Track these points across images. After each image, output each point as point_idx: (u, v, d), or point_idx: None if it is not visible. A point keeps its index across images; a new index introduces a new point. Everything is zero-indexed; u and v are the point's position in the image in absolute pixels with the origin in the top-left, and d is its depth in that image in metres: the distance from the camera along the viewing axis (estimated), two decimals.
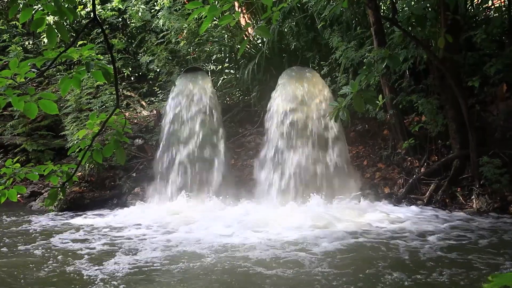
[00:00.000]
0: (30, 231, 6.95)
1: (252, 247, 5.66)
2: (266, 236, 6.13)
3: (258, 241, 5.92)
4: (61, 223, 7.44)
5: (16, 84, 2.86)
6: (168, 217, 7.46)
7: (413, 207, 7.40)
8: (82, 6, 11.78)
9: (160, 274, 4.81)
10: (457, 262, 4.96)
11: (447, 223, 6.55)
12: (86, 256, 5.48)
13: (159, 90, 11.31)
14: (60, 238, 6.36)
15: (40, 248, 5.89)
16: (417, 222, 6.65)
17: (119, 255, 5.47)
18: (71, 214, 8.19)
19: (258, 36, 10.49)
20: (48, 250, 5.78)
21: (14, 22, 12.83)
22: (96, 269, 4.94)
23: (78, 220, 7.58)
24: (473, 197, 7.36)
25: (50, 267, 5.11)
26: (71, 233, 6.67)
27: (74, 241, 6.21)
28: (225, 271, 4.85)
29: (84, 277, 4.72)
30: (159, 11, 11.61)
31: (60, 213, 8.26)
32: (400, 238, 5.91)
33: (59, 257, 5.44)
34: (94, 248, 5.80)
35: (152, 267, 5.00)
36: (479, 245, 5.55)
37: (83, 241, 6.21)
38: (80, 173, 8.89)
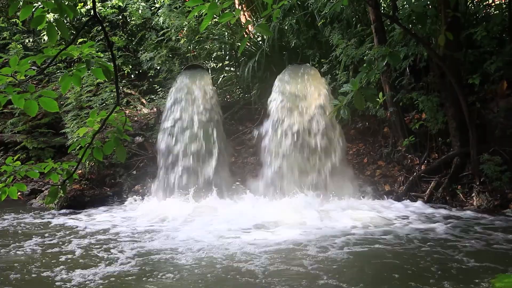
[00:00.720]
0: (24, 229, 6.91)
1: (246, 251, 5.35)
2: (262, 239, 5.88)
3: (254, 242, 5.65)
4: (54, 222, 7.32)
5: (17, 81, 2.86)
6: (164, 216, 7.33)
7: (415, 205, 7.39)
8: (82, 4, 11.78)
9: (139, 283, 4.55)
10: (486, 267, 4.70)
11: (458, 223, 6.42)
12: (67, 259, 5.29)
13: (159, 88, 11.32)
14: (46, 239, 6.23)
15: (22, 249, 5.79)
16: (422, 220, 6.58)
17: (99, 259, 5.27)
18: (71, 212, 8.18)
19: (258, 34, 10.49)
20: (31, 251, 5.67)
21: (14, 20, 12.83)
22: (75, 275, 4.74)
23: (75, 219, 7.52)
24: (473, 194, 7.36)
25: (26, 270, 4.98)
26: (63, 233, 6.55)
27: (62, 242, 6.03)
28: (210, 282, 4.53)
29: None
30: (159, 8, 11.61)
31: (60, 211, 8.25)
32: (411, 240, 5.69)
33: (38, 259, 5.32)
34: (77, 251, 5.61)
35: (133, 275, 4.73)
36: (500, 247, 5.37)
37: (71, 242, 6.02)
38: (80, 171, 8.90)
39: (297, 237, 5.90)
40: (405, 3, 8.18)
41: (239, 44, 10.34)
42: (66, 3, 2.86)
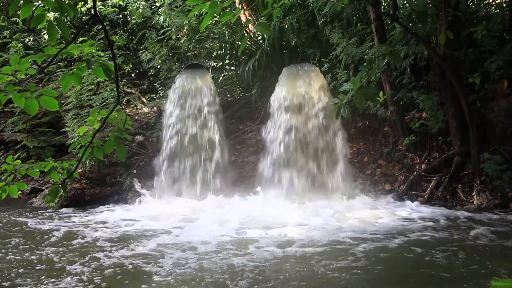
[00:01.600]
0: (20, 228, 6.89)
1: (235, 262, 5.01)
2: (257, 242, 5.70)
3: (247, 248, 5.46)
4: (52, 222, 7.29)
5: (17, 80, 2.86)
6: (162, 216, 7.29)
7: (415, 204, 7.38)
8: (82, 3, 11.77)
9: None
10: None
11: (458, 222, 6.39)
12: (36, 267, 5.11)
13: (159, 87, 11.31)
14: (27, 241, 6.15)
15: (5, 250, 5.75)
16: (423, 220, 6.55)
17: (68, 269, 5.01)
18: (71, 210, 8.17)
19: (258, 33, 10.48)
20: (14, 252, 5.60)
21: (14, 19, 12.83)
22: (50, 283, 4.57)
23: (73, 218, 7.50)
24: (473, 193, 7.36)
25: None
26: (57, 233, 6.49)
27: (39, 246, 5.91)
28: None
29: None
30: (159, 7, 11.61)
31: (60, 210, 8.25)
32: (411, 240, 5.62)
33: (6, 266, 5.15)
34: (51, 258, 5.41)
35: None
36: (500, 247, 5.31)
37: (46, 247, 5.86)
38: (80, 170, 8.90)
39: (293, 238, 5.80)
40: (405, 2, 8.17)
41: (239, 43, 10.33)
42: (66, 2, 2.86)
